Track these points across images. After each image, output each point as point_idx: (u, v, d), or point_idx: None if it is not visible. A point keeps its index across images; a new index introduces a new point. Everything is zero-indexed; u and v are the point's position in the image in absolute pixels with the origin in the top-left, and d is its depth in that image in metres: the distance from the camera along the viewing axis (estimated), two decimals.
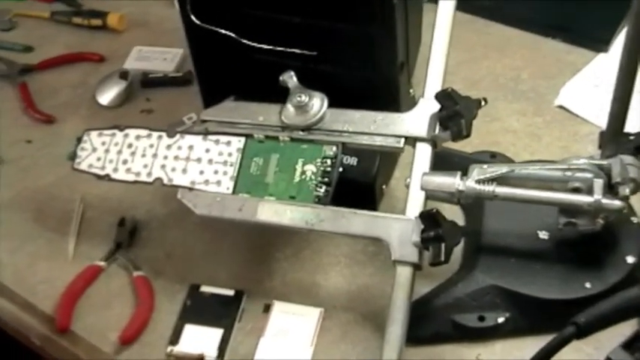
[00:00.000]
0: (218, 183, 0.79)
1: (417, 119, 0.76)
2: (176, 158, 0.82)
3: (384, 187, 0.91)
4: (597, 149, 0.78)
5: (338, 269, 0.86)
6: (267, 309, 0.82)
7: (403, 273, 0.71)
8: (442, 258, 0.67)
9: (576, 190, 0.70)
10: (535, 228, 0.79)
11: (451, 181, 0.72)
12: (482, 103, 0.73)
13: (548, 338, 0.58)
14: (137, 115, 1.08)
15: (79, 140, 0.86)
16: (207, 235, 0.90)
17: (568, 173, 0.71)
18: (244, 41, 0.84)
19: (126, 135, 0.84)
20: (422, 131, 0.75)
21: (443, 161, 0.79)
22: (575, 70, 1.05)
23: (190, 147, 0.82)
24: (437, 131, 0.75)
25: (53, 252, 0.91)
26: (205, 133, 0.82)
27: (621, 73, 0.71)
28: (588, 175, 0.70)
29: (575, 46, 1.08)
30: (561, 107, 1.00)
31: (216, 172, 0.80)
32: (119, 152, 0.84)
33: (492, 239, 0.81)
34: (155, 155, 0.82)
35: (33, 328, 0.85)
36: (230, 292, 0.84)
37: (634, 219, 0.80)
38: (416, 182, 0.74)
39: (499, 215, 0.82)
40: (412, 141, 0.76)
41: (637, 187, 0.69)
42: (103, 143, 0.85)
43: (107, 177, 0.83)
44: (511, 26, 1.13)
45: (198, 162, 0.81)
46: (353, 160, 0.85)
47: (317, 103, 0.79)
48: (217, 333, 0.80)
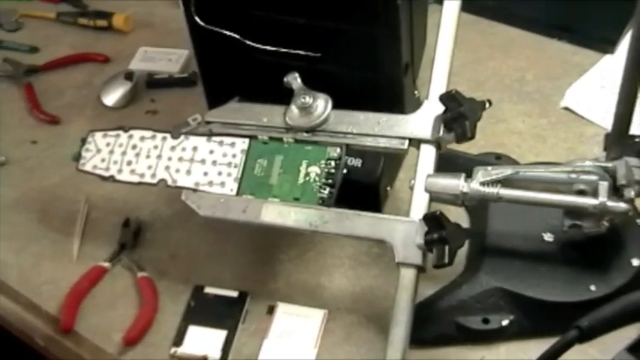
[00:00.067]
0: (222, 184, 0.79)
1: (422, 121, 0.76)
2: (180, 159, 0.82)
3: (389, 189, 0.91)
4: (603, 151, 0.78)
5: (342, 271, 0.86)
6: (271, 310, 0.82)
7: (407, 275, 0.71)
8: (446, 260, 0.67)
9: (581, 193, 0.70)
10: (540, 230, 0.79)
11: (455, 183, 0.71)
12: (486, 105, 0.73)
13: (552, 341, 0.57)
14: (142, 116, 1.08)
15: (84, 141, 0.86)
16: (211, 236, 0.90)
17: (573, 175, 0.71)
18: (248, 42, 0.84)
19: (130, 136, 0.84)
20: (426, 133, 0.75)
21: (447, 163, 0.79)
22: (581, 72, 1.04)
23: (194, 148, 0.82)
24: (441, 133, 0.74)
25: (58, 252, 0.92)
26: (209, 135, 0.82)
27: (626, 75, 0.70)
28: (593, 178, 0.70)
29: (580, 47, 1.08)
30: (567, 109, 1.00)
31: (220, 174, 0.80)
32: (123, 153, 0.84)
33: (497, 241, 0.81)
34: (159, 156, 0.82)
35: (37, 329, 0.85)
36: (234, 294, 0.84)
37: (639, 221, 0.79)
38: (420, 184, 0.74)
39: (504, 217, 0.82)
40: (416, 143, 0.76)
41: None
42: (108, 144, 0.85)
43: (111, 178, 0.83)
44: (516, 27, 1.13)
45: (202, 163, 0.81)
46: (357, 162, 0.85)
47: (321, 105, 0.79)
48: (221, 334, 0.80)
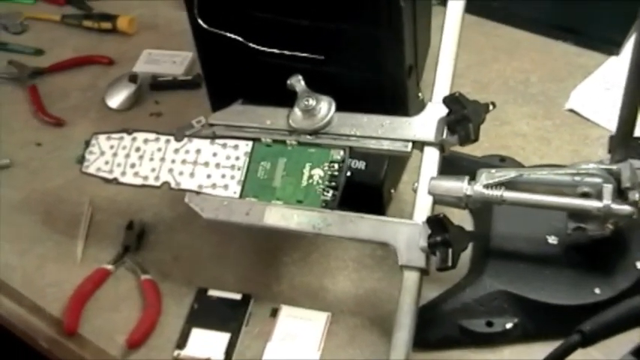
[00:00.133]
0: (225, 187, 0.79)
1: (425, 123, 0.76)
2: (184, 162, 0.82)
3: (393, 191, 0.90)
4: (608, 153, 0.78)
5: (346, 273, 0.86)
6: (274, 313, 0.82)
7: (410, 278, 0.71)
8: (449, 263, 0.67)
9: (585, 195, 0.70)
10: (544, 233, 0.79)
11: (459, 186, 0.71)
12: (490, 107, 0.73)
13: (556, 344, 0.57)
14: (146, 118, 1.08)
15: (87, 144, 0.87)
16: (214, 239, 0.90)
17: (577, 178, 0.71)
18: (252, 45, 0.84)
19: (134, 139, 0.85)
20: (430, 135, 0.75)
21: (452, 165, 0.79)
22: (585, 74, 1.04)
23: (198, 151, 0.82)
24: (445, 135, 0.74)
25: (62, 255, 0.92)
26: (213, 137, 0.82)
27: (631, 77, 0.70)
28: (597, 180, 0.70)
29: (585, 49, 1.07)
30: (571, 111, 0.99)
31: (223, 176, 0.80)
32: (127, 156, 0.84)
33: (501, 244, 0.80)
34: (163, 159, 0.82)
35: (41, 331, 0.85)
36: (237, 296, 0.84)
37: None
38: (423, 187, 0.73)
39: (508, 219, 0.81)
40: (420, 145, 0.76)
41: None
42: (111, 147, 0.85)
43: (115, 181, 0.83)
44: (520, 29, 1.12)
45: (205, 166, 0.81)
46: (361, 164, 0.85)
47: (324, 107, 0.79)
48: (224, 337, 0.80)
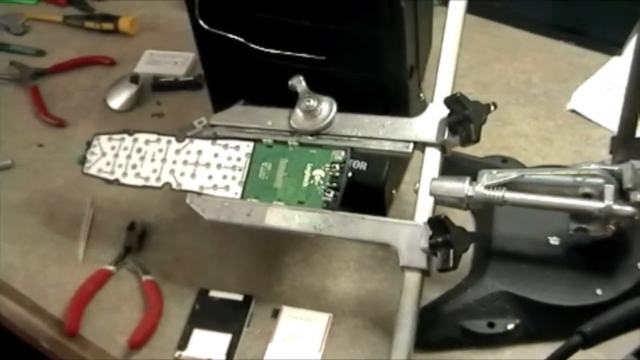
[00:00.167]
0: (226, 188, 0.79)
1: (426, 124, 0.76)
2: (185, 163, 0.82)
3: (394, 192, 0.90)
4: (610, 154, 0.78)
5: (347, 274, 0.86)
6: (275, 314, 0.82)
7: (411, 279, 0.71)
8: (451, 264, 0.67)
9: (587, 196, 0.70)
10: (546, 233, 0.79)
11: (460, 187, 0.71)
12: (491, 108, 0.73)
13: (558, 345, 0.57)
14: (148, 119, 1.08)
15: (89, 144, 0.87)
16: (216, 239, 0.90)
17: (579, 179, 0.70)
18: (253, 46, 0.84)
19: (135, 139, 0.85)
20: (431, 136, 0.75)
21: (453, 166, 0.78)
22: (587, 74, 1.04)
23: (199, 152, 0.82)
24: (446, 136, 0.74)
25: (63, 255, 0.92)
26: (214, 138, 0.82)
27: (632, 77, 0.70)
28: (599, 181, 0.69)
29: (587, 49, 1.07)
30: (573, 111, 0.99)
31: (224, 177, 0.80)
32: (128, 157, 0.84)
33: (502, 244, 0.80)
34: (164, 160, 0.82)
35: (42, 332, 0.85)
36: (239, 297, 0.84)
37: None
38: (425, 187, 0.73)
39: (509, 220, 0.81)
40: (421, 146, 0.76)
41: None
42: (113, 148, 0.85)
43: (116, 181, 0.83)
44: (522, 29, 1.12)
45: (206, 167, 0.81)
46: (362, 165, 0.85)
47: (326, 108, 0.79)
48: (226, 338, 0.80)
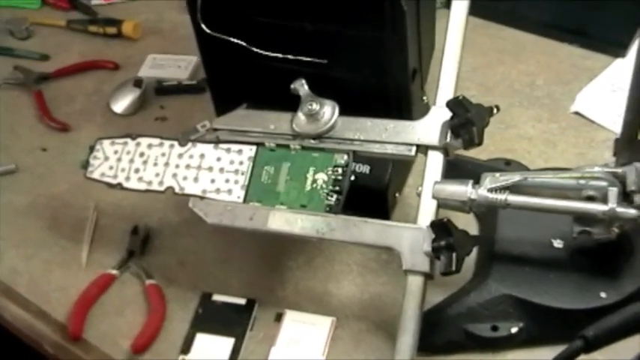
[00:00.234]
0: (229, 192, 0.79)
1: (429, 127, 0.75)
2: (188, 167, 0.82)
3: (397, 195, 0.90)
4: (613, 156, 0.77)
5: (350, 278, 0.85)
6: (278, 318, 0.82)
7: (414, 282, 0.71)
8: (453, 268, 0.67)
9: (590, 199, 0.70)
10: (549, 236, 0.79)
11: (463, 190, 0.71)
12: (494, 111, 0.73)
13: (562, 348, 0.57)
14: (151, 123, 1.09)
15: (92, 149, 0.87)
16: (219, 243, 0.90)
17: (582, 181, 0.70)
18: (255, 49, 0.84)
19: (138, 144, 0.85)
20: (433, 139, 0.75)
21: (456, 169, 0.78)
22: (591, 76, 1.03)
23: (202, 156, 0.82)
24: (449, 139, 0.74)
25: (67, 260, 0.92)
26: (217, 142, 0.82)
27: (635, 79, 0.70)
28: (603, 184, 0.69)
29: (591, 51, 1.07)
30: (577, 113, 0.99)
31: (227, 181, 0.80)
32: (131, 161, 0.84)
33: (506, 247, 0.80)
34: (167, 164, 0.83)
35: (46, 336, 0.85)
36: (242, 301, 0.84)
37: None
38: (428, 191, 0.73)
39: (513, 223, 0.81)
40: (424, 149, 0.76)
41: None
42: (115, 152, 0.85)
43: (119, 186, 0.83)
44: (526, 31, 1.12)
45: (209, 171, 0.81)
46: (365, 168, 0.85)
47: (328, 112, 0.78)
48: (229, 342, 0.80)
